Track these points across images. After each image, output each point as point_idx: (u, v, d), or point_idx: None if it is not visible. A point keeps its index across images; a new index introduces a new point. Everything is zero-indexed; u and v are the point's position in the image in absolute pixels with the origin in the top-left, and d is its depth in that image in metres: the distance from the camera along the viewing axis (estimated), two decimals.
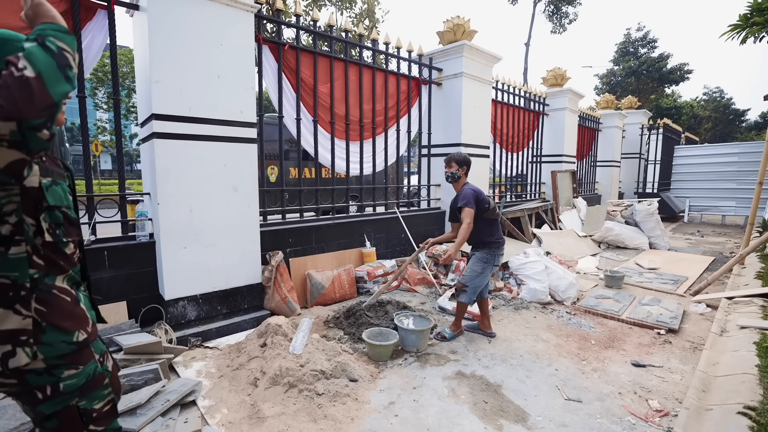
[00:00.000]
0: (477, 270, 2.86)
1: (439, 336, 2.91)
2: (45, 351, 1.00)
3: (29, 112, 0.84)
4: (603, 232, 6.73)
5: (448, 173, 2.95)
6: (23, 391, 1.01)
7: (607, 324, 3.40)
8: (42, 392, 1.01)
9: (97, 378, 1.11)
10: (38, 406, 1.02)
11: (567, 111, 7.68)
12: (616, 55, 25.53)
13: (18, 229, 0.99)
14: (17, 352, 0.97)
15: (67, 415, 1.05)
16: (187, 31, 2.72)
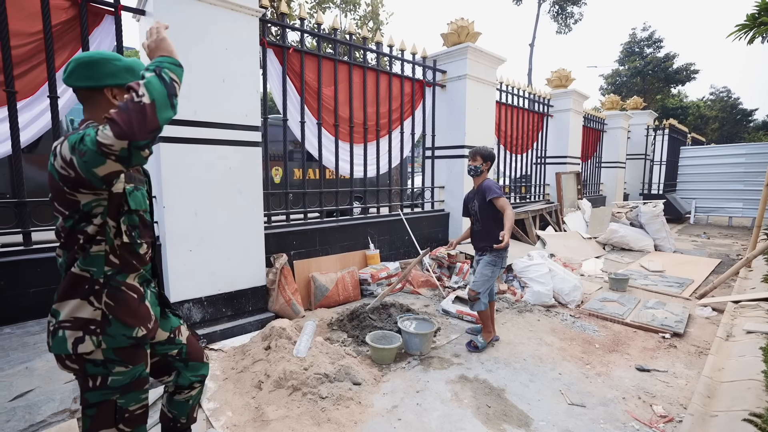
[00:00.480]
0: (487, 274, 2.83)
1: (472, 345, 2.83)
2: (108, 341, 1.11)
3: (140, 135, 0.95)
4: (608, 234, 6.69)
5: (471, 166, 2.90)
6: (81, 376, 1.14)
7: (612, 327, 3.39)
8: (93, 381, 1.13)
9: (141, 380, 1.21)
10: (86, 393, 1.14)
11: (571, 112, 7.65)
12: (622, 55, 25.36)
13: (101, 229, 1.12)
14: (85, 339, 1.09)
15: (105, 408, 1.15)
16: (192, 36, 2.74)
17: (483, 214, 2.89)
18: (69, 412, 1.83)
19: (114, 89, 1.15)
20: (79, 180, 1.01)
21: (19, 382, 1.91)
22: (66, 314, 1.11)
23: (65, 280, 1.13)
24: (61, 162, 1.01)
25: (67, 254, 1.14)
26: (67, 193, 1.06)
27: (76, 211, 1.08)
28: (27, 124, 2.56)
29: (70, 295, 1.12)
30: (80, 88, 1.14)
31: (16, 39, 2.41)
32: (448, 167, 5.43)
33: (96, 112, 1.15)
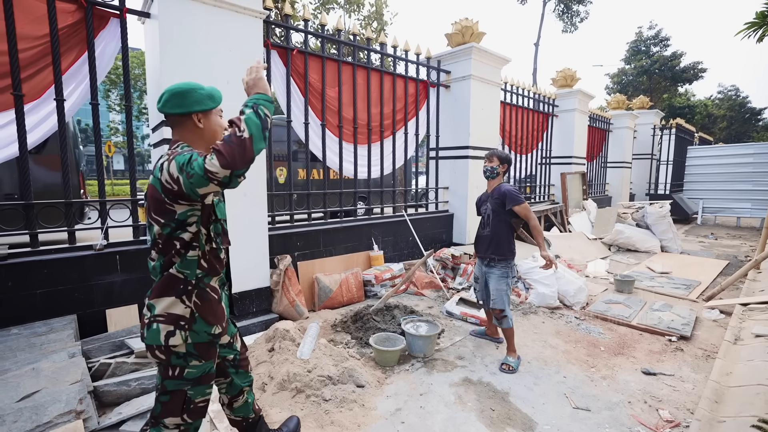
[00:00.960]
0: (503, 289, 2.69)
1: (504, 367, 2.60)
2: (192, 337, 1.26)
3: (240, 165, 1.10)
4: (613, 234, 6.64)
5: (487, 167, 2.78)
6: (165, 365, 1.28)
7: (617, 330, 3.36)
8: (173, 371, 1.28)
9: (209, 375, 1.36)
10: (166, 380, 1.29)
11: (577, 112, 7.59)
12: (628, 54, 25.15)
13: (195, 237, 1.28)
14: (176, 333, 1.24)
15: (177, 397, 1.30)
16: (197, 38, 2.76)
17: (496, 219, 2.74)
18: (75, 413, 1.85)
19: (199, 114, 1.32)
20: (181, 194, 1.17)
21: (26, 383, 1.93)
22: (161, 309, 1.25)
23: (162, 279, 1.27)
24: (168, 177, 1.16)
25: (163, 258, 1.28)
26: (167, 204, 1.21)
27: (172, 219, 1.23)
28: (34, 127, 2.59)
29: (165, 293, 1.26)
30: (172, 115, 1.31)
31: (23, 43, 2.44)
32: (452, 168, 5.42)
33: (184, 133, 1.33)
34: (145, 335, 1.26)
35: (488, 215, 2.79)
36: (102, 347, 2.54)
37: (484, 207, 2.85)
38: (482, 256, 2.83)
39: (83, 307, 2.67)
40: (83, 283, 2.66)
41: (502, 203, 2.68)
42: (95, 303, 2.71)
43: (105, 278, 2.74)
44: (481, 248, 2.83)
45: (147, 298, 1.30)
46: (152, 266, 1.32)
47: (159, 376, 1.31)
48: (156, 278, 1.30)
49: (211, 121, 1.35)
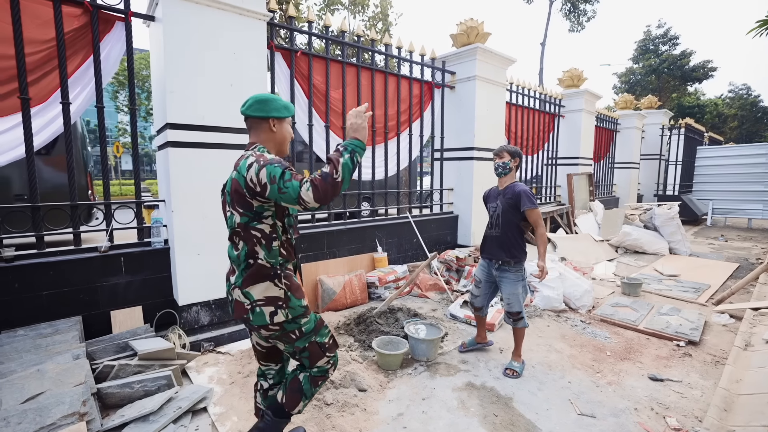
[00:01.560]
0: (519, 292, 2.58)
1: (509, 372, 2.55)
2: (291, 312, 1.48)
3: (327, 201, 1.30)
4: (620, 236, 6.55)
5: (499, 164, 2.59)
6: (283, 334, 1.49)
7: (624, 334, 3.31)
8: (294, 334, 1.50)
9: (320, 322, 1.62)
10: (295, 343, 1.52)
11: (583, 112, 7.52)
12: (636, 53, 24.86)
13: (273, 229, 1.46)
14: (278, 312, 1.45)
15: (313, 346, 1.56)
16: (200, 41, 2.77)
17: (506, 219, 2.57)
18: (78, 415, 1.86)
19: (275, 120, 1.53)
20: (262, 195, 1.36)
21: (31, 385, 1.95)
22: (259, 294, 1.43)
23: (252, 269, 1.44)
24: (254, 178, 1.34)
25: (246, 246, 1.44)
26: (247, 198, 1.39)
27: (250, 210, 1.41)
28: (40, 129, 2.61)
29: (258, 280, 1.44)
30: (252, 117, 1.51)
31: (30, 47, 2.46)
32: (457, 169, 5.39)
33: (260, 134, 1.54)
34: (251, 319, 1.44)
35: (498, 214, 2.61)
36: (106, 348, 2.56)
37: (493, 204, 2.66)
38: (491, 258, 2.65)
39: (88, 308, 2.69)
40: (88, 285, 2.68)
41: (516, 204, 2.52)
42: (100, 304, 2.73)
43: (109, 280, 2.76)
44: (490, 250, 2.65)
45: (237, 288, 1.46)
46: (235, 254, 1.47)
47: (286, 345, 1.53)
48: (237, 264, 1.47)
49: (283, 128, 1.57)
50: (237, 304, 1.47)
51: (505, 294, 2.63)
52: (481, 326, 2.89)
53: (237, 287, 1.46)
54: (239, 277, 1.46)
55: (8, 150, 2.52)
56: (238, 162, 1.45)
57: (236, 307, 1.48)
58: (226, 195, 1.49)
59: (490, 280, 2.72)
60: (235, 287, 1.47)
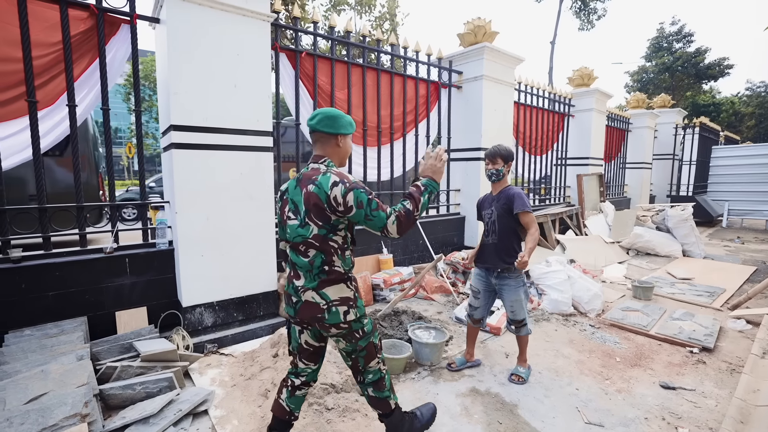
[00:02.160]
0: (521, 298, 2.47)
1: (514, 378, 2.49)
2: (359, 311, 1.61)
3: (404, 233, 1.48)
4: (632, 238, 6.42)
5: (492, 170, 2.47)
6: (348, 333, 1.59)
7: (634, 339, 3.22)
8: (358, 333, 1.62)
9: (375, 324, 1.81)
10: (359, 341, 1.63)
11: (594, 112, 7.38)
12: (649, 51, 24.40)
13: (344, 240, 1.57)
14: (350, 312, 1.56)
15: (370, 347, 1.68)
16: (204, 43, 2.77)
17: (502, 225, 2.46)
18: (80, 416, 1.86)
19: (340, 136, 1.63)
20: (343, 213, 1.47)
21: (34, 385, 1.96)
22: (335, 295, 1.54)
23: (329, 273, 1.53)
24: (339, 198, 1.45)
25: (321, 255, 1.52)
26: (327, 212, 1.48)
27: (327, 223, 1.50)
28: (47, 132, 2.64)
29: (333, 283, 1.54)
30: (321, 132, 1.60)
31: (37, 50, 2.49)
32: (464, 170, 5.33)
33: (326, 149, 1.63)
34: (326, 318, 1.53)
35: (493, 221, 2.49)
36: (111, 349, 2.57)
37: (488, 211, 2.54)
38: (489, 267, 2.51)
39: (94, 309, 2.71)
40: (94, 286, 2.70)
41: (509, 208, 2.43)
42: (105, 305, 2.75)
43: (115, 281, 2.78)
44: (487, 258, 2.51)
45: (310, 290, 1.53)
46: (305, 261, 1.53)
47: (347, 344, 1.63)
48: (307, 270, 1.53)
49: (347, 143, 1.67)
50: (308, 305, 1.54)
51: (507, 302, 2.50)
52: (471, 342, 2.71)
53: (310, 289, 1.53)
54: (311, 281, 1.53)
55: (16, 152, 2.55)
56: (312, 175, 1.53)
57: (306, 307, 1.55)
58: (298, 204, 1.54)
59: (489, 290, 2.58)
60: (306, 289, 1.53)
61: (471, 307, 2.66)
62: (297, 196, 1.55)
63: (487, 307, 2.63)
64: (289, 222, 1.57)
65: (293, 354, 1.75)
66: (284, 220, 1.60)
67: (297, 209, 1.54)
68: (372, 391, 1.71)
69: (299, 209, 1.53)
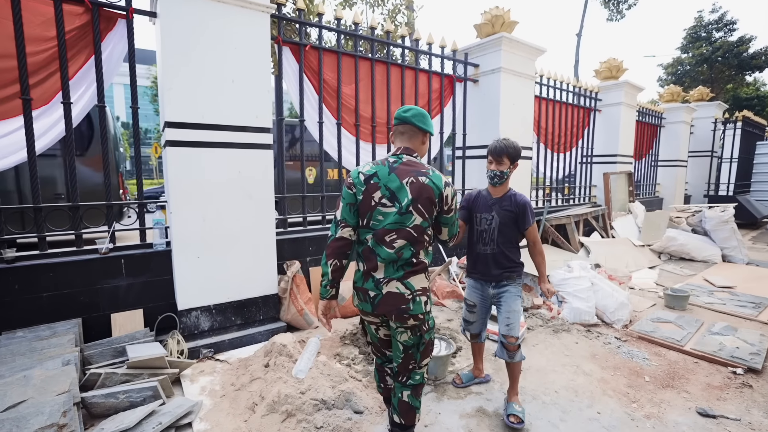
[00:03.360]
0: (518, 309, 2.15)
1: (513, 420, 2.02)
2: (430, 303, 1.65)
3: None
4: (664, 241, 5.95)
5: (496, 172, 2.12)
6: (421, 324, 1.61)
7: (666, 356, 2.89)
8: (426, 325, 1.64)
9: (433, 322, 1.73)
10: (425, 334, 1.65)
11: (623, 106, 6.91)
12: (685, 42, 22.99)
13: (429, 236, 1.64)
14: (428, 301, 1.63)
15: (431, 341, 1.71)
16: (199, 36, 2.66)
17: (505, 235, 2.14)
18: (57, 427, 1.77)
19: (428, 135, 1.70)
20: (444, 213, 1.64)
21: (14, 392, 1.89)
22: (419, 286, 1.58)
23: (415, 264, 1.57)
24: (449, 198, 1.62)
25: (412, 246, 1.55)
26: (434, 206, 1.58)
27: (430, 216, 1.58)
28: (44, 132, 2.60)
29: (416, 273, 1.58)
30: (413, 126, 1.64)
31: (31, 46, 2.44)
32: (480, 168, 5.05)
33: (413, 143, 1.67)
34: (412, 308, 1.55)
35: (493, 229, 2.14)
36: (104, 353, 2.50)
37: (487, 216, 2.16)
38: (487, 278, 2.19)
39: (89, 310, 2.66)
40: (89, 287, 2.65)
41: (516, 219, 2.13)
42: (100, 307, 2.69)
43: (110, 282, 2.72)
44: (486, 270, 2.18)
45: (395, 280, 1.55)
46: (392, 253, 1.54)
47: (415, 336, 1.62)
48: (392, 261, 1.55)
49: (428, 142, 1.75)
50: (392, 296, 1.55)
51: (504, 312, 2.13)
52: (479, 356, 2.45)
53: (395, 279, 1.55)
54: (395, 272, 1.55)
55: (13, 152, 2.52)
56: (416, 168, 1.58)
57: (389, 299, 1.55)
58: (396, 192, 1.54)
59: (486, 302, 2.28)
60: (390, 280, 1.55)
61: (466, 322, 2.36)
62: (394, 183, 1.55)
63: (484, 321, 2.35)
64: (381, 209, 1.55)
65: (375, 345, 1.81)
66: (370, 206, 1.56)
67: (394, 196, 1.54)
68: (408, 396, 1.67)
69: (398, 197, 1.54)
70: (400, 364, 1.68)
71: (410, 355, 1.65)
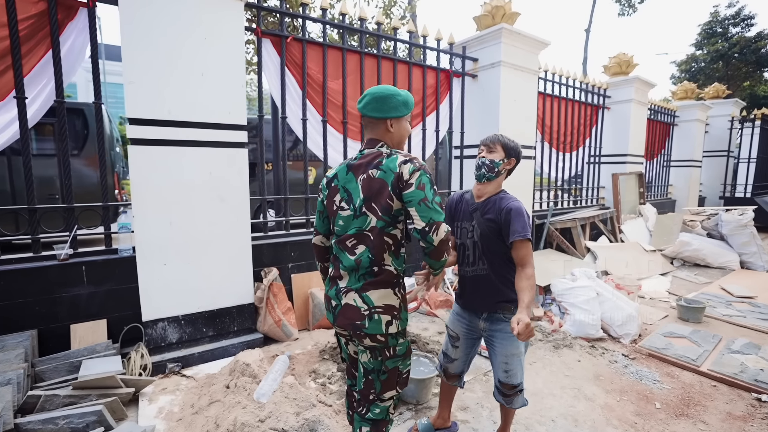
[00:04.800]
0: (520, 351, 1.71)
1: None
2: (401, 324, 1.40)
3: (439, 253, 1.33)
4: (677, 246, 5.60)
5: (485, 161, 1.68)
6: (383, 347, 1.38)
7: (680, 377, 2.60)
8: (390, 351, 1.40)
9: (409, 349, 1.51)
10: (387, 361, 1.40)
11: (633, 103, 6.56)
12: (700, 38, 22.30)
13: (402, 234, 1.39)
14: (393, 323, 1.36)
15: (393, 372, 1.43)
16: (165, 25, 2.45)
17: (491, 250, 1.66)
18: None
19: (391, 121, 1.40)
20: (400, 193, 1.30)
21: None
22: (379, 301, 1.35)
23: (378, 273, 1.35)
24: (405, 175, 1.29)
25: (370, 252, 1.33)
26: (388, 198, 1.31)
27: (388, 214, 1.32)
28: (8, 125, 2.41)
29: (381, 286, 1.35)
30: (369, 117, 1.40)
31: None
32: None
33: (378, 133, 1.42)
34: (367, 326, 1.34)
35: (475, 242, 1.69)
36: (58, 368, 2.31)
37: (467, 226, 1.73)
38: (476, 308, 1.74)
39: (45, 321, 2.47)
40: (45, 296, 2.45)
41: (498, 229, 1.63)
42: (59, 317, 2.50)
43: (70, 291, 2.52)
44: (474, 298, 1.74)
45: (353, 291, 1.35)
46: (351, 259, 1.35)
47: (375, 360, 1.40)
48: (353, 270, 1.36)
49: (401, 126, 1.44)
50: (349, 309, 1.37)
51: (499, 356, 1.70)
52: (446, 401, 1.97)
53: (353, 290, 1.36)
54: (355, 281, 1.36)
55: None
56: (371, 160, 1.36)
57: (346, 311, 1.37)
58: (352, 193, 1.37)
59: (473, 336, 1.81)
60: (348, 290, 1.37)
61: (446, 357, 1.88)
62: (350, 183, 1.38)
63: (469, 360, 1.89)
64: (341, 213, 1.40)
65: (347, 363, 1.61)
66: (332, 211, 1.43)
67: (351, 198, 1.38)
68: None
69: (353, 198, 1.37)
70: (361, 389, 1.45)
71: (370, 382, 1.42)
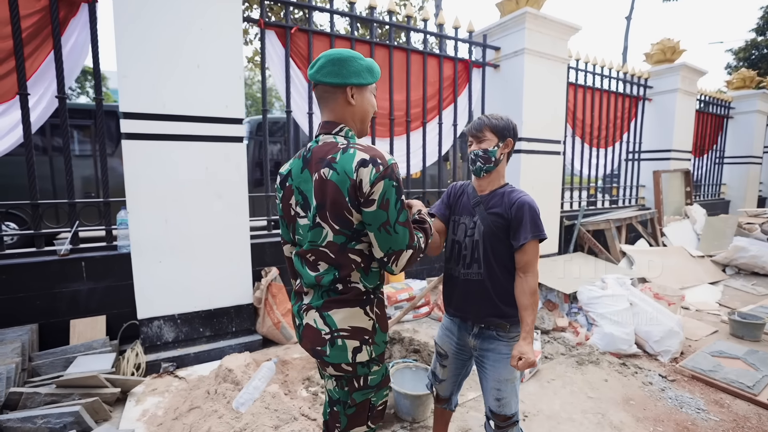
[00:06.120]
0: (515, 376, 1.42)
1: None
2: (375, 350, 1.14)
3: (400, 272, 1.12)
4: (731, 251, 4.98)
5: (477, 152, 1.43)
6: (351, 378, 1.13)
7: (732, 406, 2.21)
8: (358, 382, 1.14)
9: (386, 378, 1.24)
10: (353, 393, 1.15)
11: (679, 93, 5.95)
12: (761, 22, 20.27)
13: (361, 253, 1.10)
14: (362, 349, 1.10)
15: (363, 406, 1.18)
16: (159, 16, 2.39)
17: (492, 250, 1.40)
18: None
19: (354, 88, 1.11)
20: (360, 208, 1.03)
21: None
22: (343, 323, 1.09)
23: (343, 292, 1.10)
24: (365, 185, 1.00)
25: (335, 270, 1.09)
26: (346, 211, 1.04)
27: (348, 228, 1.06)
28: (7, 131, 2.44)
29: (346, 304, 1.10)
30: (324, 84, 1.10)
31: None
32: None
33: (336, 109, 1.11)
34: (328, 353, 1.09)
35: (476, 241, 1.42)
36: (54, 363, 2.30)
37: (467, 221, 1.46)
38: (465, 317, 1.47)
39: (46, 316, 2.48)
40: (46, 291, 2.46)
41: (506, 226, 1.38)
42: (59, 312, 2.50)
43: (70, 286, 2.52)
44: (464, 304, 1.46)
45: (314, 309, 1.11)
46: (312, 275, 1.10)
47: (339, 390, 1.16)
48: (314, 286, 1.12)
49: (364, 99, 1.14)
50: (309, 331, 1.12)
51: (491, 380, 1.42)
52: (441, 425, 1.69)
53: (314, 308, 1.11)
54: (318, 297, 1.11)
55: None
56: (326, 153, 1.06)
57: (307, 333, 1.13)
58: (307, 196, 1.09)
59: (464, 355, 1.53)
60: (309, 308, 1.13)
61: (434, 376, 1.63)
62: (305, 184, 1.10)
63: (460, 381, 1.61)
64: (299, 220, 1.13)
65: None
66: (290, 217, 1.16)
67: (306, 202, 1.10)
68: None
69: (309, 202, 1.09)
70: (326, 420, 1.25)
71: (335, 414, 1.19)
